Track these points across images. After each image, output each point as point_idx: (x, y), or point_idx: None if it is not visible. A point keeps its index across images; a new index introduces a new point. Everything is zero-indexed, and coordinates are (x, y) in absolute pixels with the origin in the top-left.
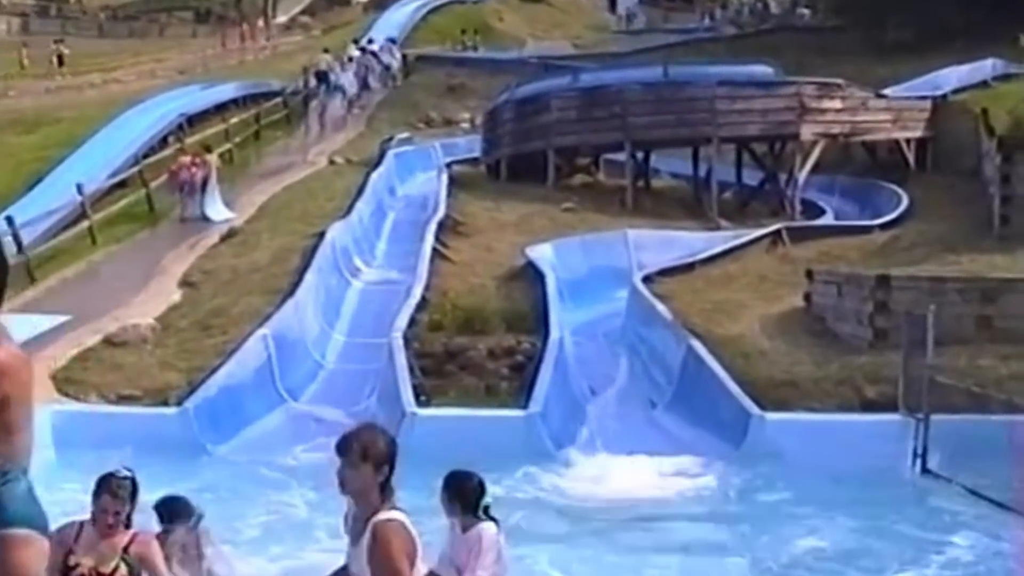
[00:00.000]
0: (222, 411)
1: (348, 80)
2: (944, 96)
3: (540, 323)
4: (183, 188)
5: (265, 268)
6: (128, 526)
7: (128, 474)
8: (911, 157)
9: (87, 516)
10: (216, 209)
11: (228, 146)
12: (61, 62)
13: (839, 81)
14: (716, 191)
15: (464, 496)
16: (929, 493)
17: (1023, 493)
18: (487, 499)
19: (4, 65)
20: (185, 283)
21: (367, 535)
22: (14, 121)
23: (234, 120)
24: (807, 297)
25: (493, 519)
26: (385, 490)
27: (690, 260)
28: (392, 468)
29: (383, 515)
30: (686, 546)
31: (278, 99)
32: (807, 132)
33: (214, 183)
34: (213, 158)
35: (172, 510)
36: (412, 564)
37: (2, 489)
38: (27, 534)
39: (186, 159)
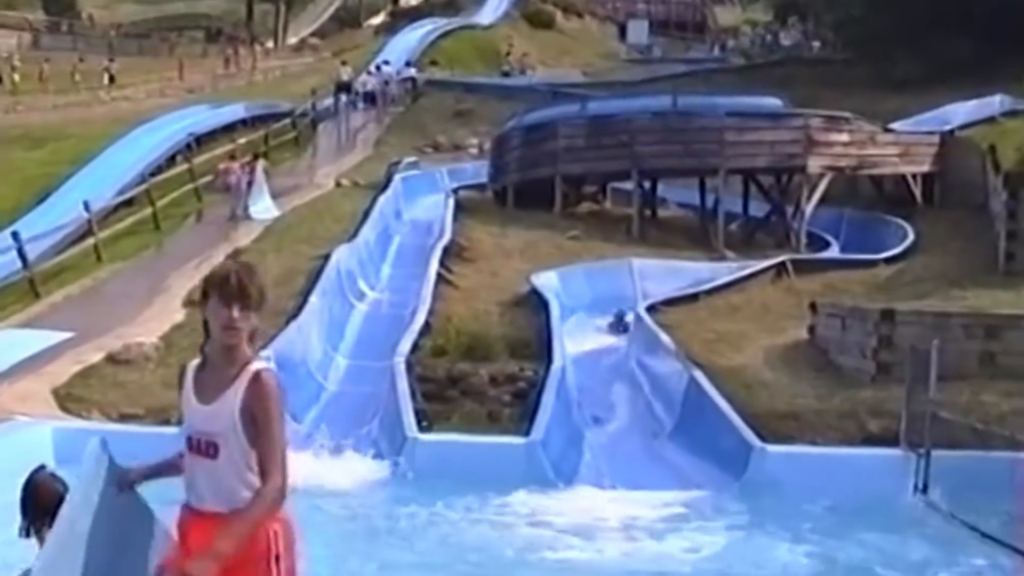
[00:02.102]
0: None
1: (370, 88)
2: (951, 131)
3: (543, 350)
4: (229, 189)
5: (269, 289)
6: None
7: None
8: (918, 192)
9: None
10: (262, 207)
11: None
12: (112, 79)
13: (847, 114)
14: (722, 222)
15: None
16: (929, 527)
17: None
18: None
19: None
20: (189, 302)
21: (244, 383)
22: (22, 136)
23: (242, 140)
24: (811, 329)
25: None
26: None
27: (695, 290)
28: None
29: (260, 363)
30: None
31: (287, 120)
32: (814, 165)
33: (262, 181)
34: (260, 162)
35: None
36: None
37: None
38: None
39: (234, 163)
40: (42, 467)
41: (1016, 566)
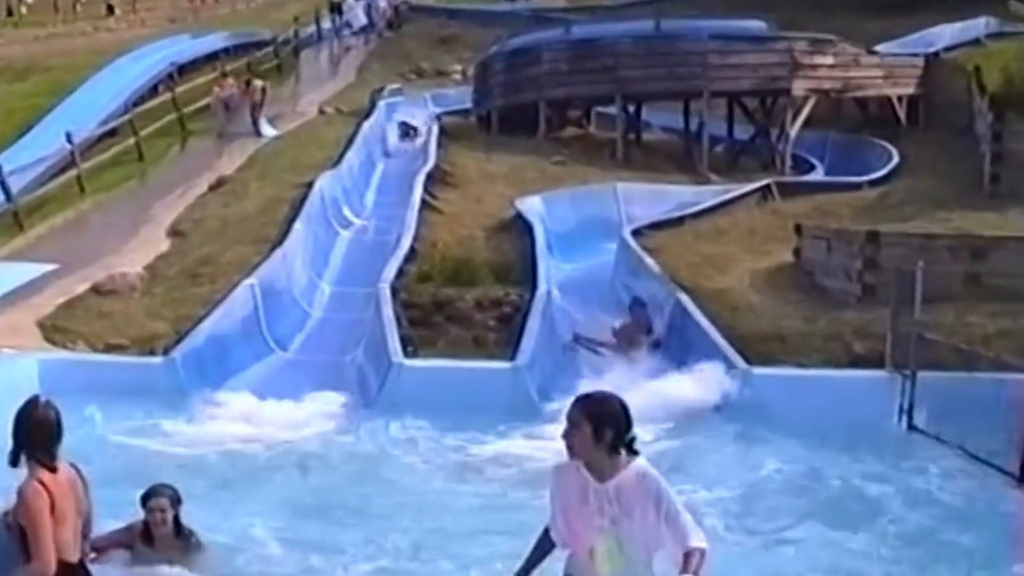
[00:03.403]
0: (209, 360)
1: (356, 15)
2: (936, 53)
3: (528, 275)
4: (227, 107)
5: (254, 217)
6: None
7: None
8: (902, 114)
9: None
10: (265, 128)
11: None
12: (111, 10)
13: (831, 37)
14: (707, 145)
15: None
16: (914, 448)
17: (1008, 450)
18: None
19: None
20: (174, 232)
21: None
22: (4, 69)
23: (225, 69)
24: (796, 252)
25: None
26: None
27: (679, 214)
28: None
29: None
30: None
31: (269, 49)
32: (799, 87)
33: (263, 103)
34: (259, 83)
35: None
36: None
37: None
38: None
39: (230, 81)
40: (36, 397)
41: (1001, 486)
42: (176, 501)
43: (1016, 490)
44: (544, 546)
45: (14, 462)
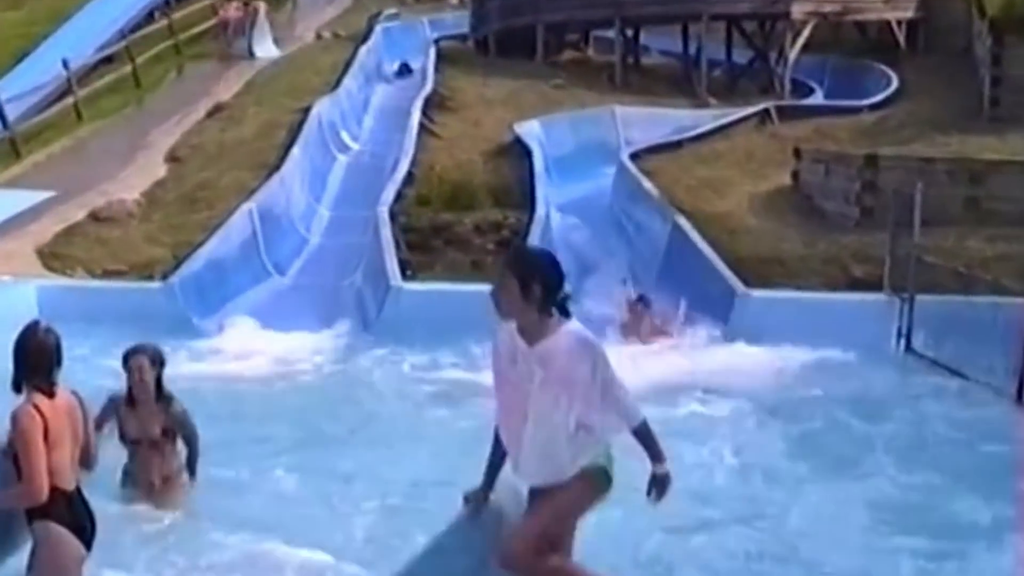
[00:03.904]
0: (207, 285)
1: None
2: None
3: (527, 199)
4: (227, 28)
5: (251, 143)
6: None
7: None
8: (902, 38)
9: None
10: (265, 47)
11: (216, 20)
12: None
13: None
14: (705, 69)
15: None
16: (912, 370)
17: (1005, 372)
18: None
19: None
20: (171, 158)
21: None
22: None
23: None
24: (795, 175)
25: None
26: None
27: (678, 138)
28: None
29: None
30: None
31: None
32: (798, 10)
33: (263, 22)
34: (261, 3)
35: None
36: None
37: None
38: None
39: (234, 4)
40: (36, 322)
41: (998, 407)
42: (157, 362)
43: (1013, 410)
44: (500, 448)
45: (17, 387)
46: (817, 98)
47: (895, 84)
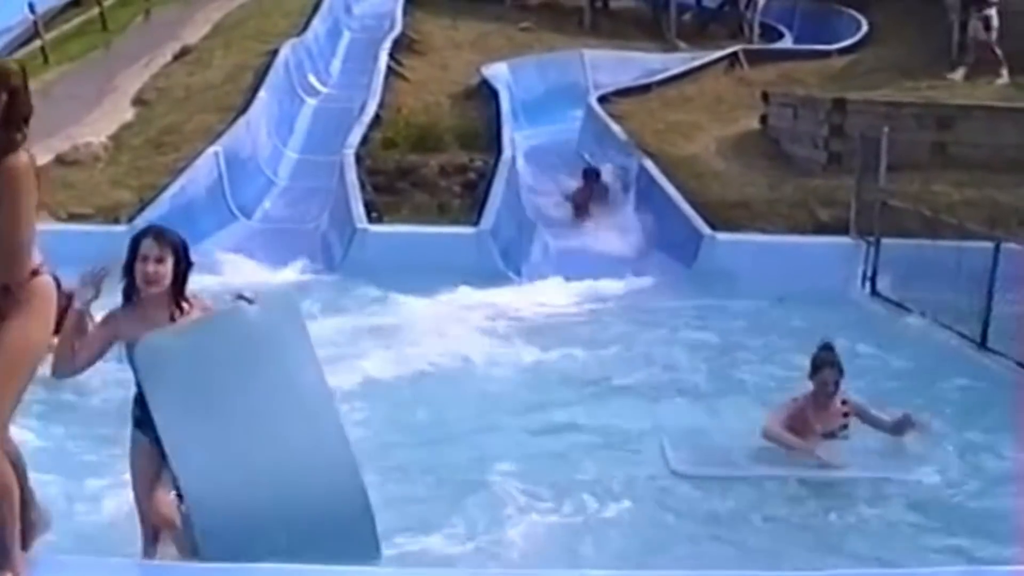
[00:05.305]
0: (173, 228)
1: None
2: None
3: (493, 142)
4: None
5: (218, 86)
6: None
7: None
8: None
9: None
10: None
11: None
12: None
13: None
14: (675, 13)
15: None
16: (877, 313)
17: (970, 316)
18: None
19: None
20: (138, 101)
21: None
22: None
23: None
24: (763, 119)
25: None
26: None
27: (646, 81)
28: None
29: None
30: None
31: None
32: None
33: None
34: None
35: None
36: None
37: None
38: None
39: None
40: None
41: (963, 351)
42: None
43: (977, 354)
44: None
45: None
46: (786, 42)
47: (865, 29)
